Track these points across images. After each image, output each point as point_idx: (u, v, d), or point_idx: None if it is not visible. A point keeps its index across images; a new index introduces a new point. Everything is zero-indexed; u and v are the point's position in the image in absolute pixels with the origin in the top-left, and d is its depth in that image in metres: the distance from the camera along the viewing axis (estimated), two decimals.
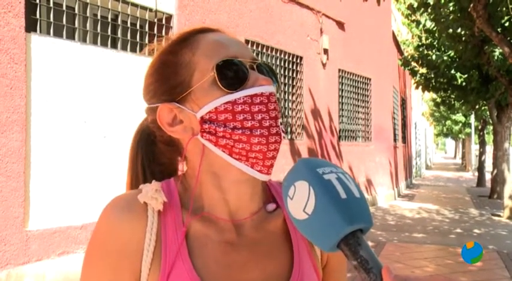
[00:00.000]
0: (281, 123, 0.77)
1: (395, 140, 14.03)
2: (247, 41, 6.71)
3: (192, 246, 0.76)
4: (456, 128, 31.48)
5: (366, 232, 0.59)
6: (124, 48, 4.87)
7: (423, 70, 12.69)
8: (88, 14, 4.56)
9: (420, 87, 13.04)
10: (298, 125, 8.02)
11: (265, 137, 0.74)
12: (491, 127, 16.46)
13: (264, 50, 7.14)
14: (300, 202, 0.59)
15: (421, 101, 28.25)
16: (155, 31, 5.20)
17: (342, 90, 9.82)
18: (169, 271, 0.73)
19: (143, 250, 0.74)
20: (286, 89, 7.85)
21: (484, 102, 13.06)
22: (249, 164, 0.75)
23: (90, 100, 4.45)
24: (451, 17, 8.27)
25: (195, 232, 0.77)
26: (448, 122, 30.91)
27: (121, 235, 0.74)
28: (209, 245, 0.77)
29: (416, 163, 22.43)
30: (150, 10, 5.11)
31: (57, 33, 4.25)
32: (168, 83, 0.79)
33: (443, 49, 11.55)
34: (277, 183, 0.89)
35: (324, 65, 8.83)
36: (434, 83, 12.69)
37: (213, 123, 0.75)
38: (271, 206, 0.83)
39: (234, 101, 0.74)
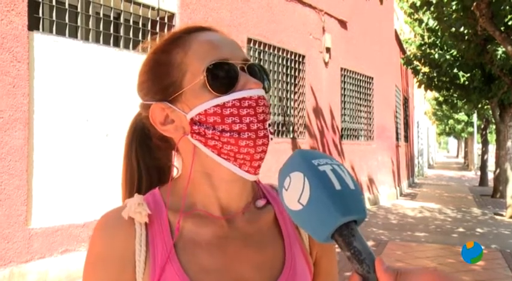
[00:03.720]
0: (269, 125, 0.78)
1: (397, 139, 14.01)
2: (249, 40, 6.71)
3: (182, 247, 0.78)
4: (459, 127, 31.45)
5: (359, 223, 0.59)
6: (126, 46, 4.88)
7: (426, 69, 12.68)
8: (90, 13, 4.56)
9: (423, 86, 13.03)
10: (300, 124, 8.02)
11: (252, 140, 0.75)
12: (493, 126, 16.43)
13: (266, 49, 7.13)
14: (295, 192, 0.60)
15: (423, 100, 28.20)
16: (157, 30, 5.20)
17: (344, 89, 9.81)
18: (160, 278, 0.75)
19: (136, 262, 0.76)
20: (289, 88, 7.84)
21: (487, 101, 13.04)
22: (237, 165, 0.77)
23: (93, 98, 4.46)
24: (453, 15, 8.26)
25: (187, 232, 0.79)
26: (451, 121, 30.88)
27: (114, 251, 0.77)
28: (201, 241, 0.78)
29: (418, 162, 22.39)
30: (153, 8, 5.11)
31: (60, 32, 4.26)
32: (160, 82, 0.80)
33: (445, 48, 11.53)
34: (268, 185, 0.91)
35: (326, 63, 8.82)
36: (436, 82, 12.67)
37: (202, 125, 0.76)
38: (260, 202, 0.85)
39: (223, 105, 0.75)
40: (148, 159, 0.89)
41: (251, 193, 0.85)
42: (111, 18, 4.74)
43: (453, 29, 8.85)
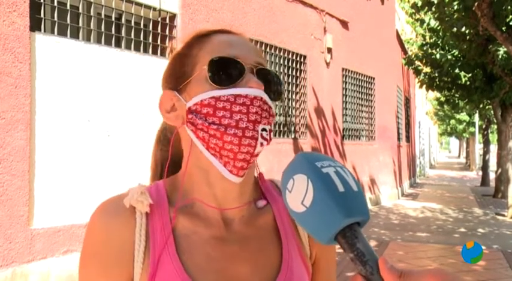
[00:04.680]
0: (264, 130, 0.77)
1: (399, 139, 14.01)
2: (250, 40, 6.69)
3: (181, 243, 0.77)
4: (460, 127, 31.43)
5: (363, 225, 0.60)
6: (128, 47, 4.88)
7: (427, 69, 12.67)
8: (92, 13, 4.57)
9: (424, 86, 13.02)
10: (301, 124, 8.02)
11: (238, 137, 0.74)
12: (495, 126, 16.42)
13: (268, 49, 7.14)
14: (299, 194, 0.60)
15: (425, 100, 28.19)
16: (159, 30, 5.21)
17: (346, 90, 9.81)
18: (156, 269, 0.74)
19: (134, 252, 0.76)
20: (290, 88, 7.85)
21: (488, 101, 13.03)
22: (222, 162, 0.77)
23: (94, 99, 4.47)
24: (455, 15, 8.25)
25: (184, 228, 0.78)
26: (452, 121, 30.86)
27: (112, 239, 0.76)
28: (198, 241, 0.78)
29: (420, 162, 22.38)
30: (154, 9, 5.12)
31: (62, 33, 4.26)
32: (175, 72, 0.82)
33: (447, 48, 11.53)
34: (269, 181, 0.90)
35: (327, 64, 8.82)
36: (438, 82, 12.66)
37: (195, 115, 0.77)
38: (261, 203, 0.85)
39: (219, 97, 0.76)
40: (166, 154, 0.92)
41: (252, 193, 0.85)
42: (113, 19, 4.75)
43: (455, 29, 8.84)
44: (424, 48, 12.19)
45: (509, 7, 7.33)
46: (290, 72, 7.78)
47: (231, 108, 0.75)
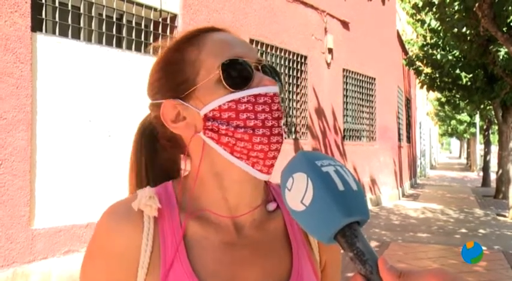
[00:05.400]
0: (283, 124, 0.78)
1: (399, 139, 14.00)
2: (251, 41, 6.72)
3: (191, 248, 0.76)
4: (461, 127, 31.41)
5: (362, 224, 0.59)
6: (129, 47, 4.89)
7: (428, 70, 12.66)
8: (93, 14, 4.58)
9: (425, 86, 13.01)
10: (302, 125, 8.02)
11: (267, 136, 0.75)
12: (496, 127, 16.40)
13: (269, 50, 7.14)
14: (298, 193, 0.60)
15: (425, 101, 28.17)
16: (160, 31, 5.21)
17: (347, 90, 9.81)
18: (167, 273, 0.74)
19: (140, 256, 0.75)
20: (291, 89, 7.85)
21: (489, 102, 13.02)
22: (249, 163, 0.76)
23: (95, 99, 4.47)
24: (456, 16, 8.25)
25: (194, 233, 0.78)
26: (453, 122, 30.85)
27: (118, 242, 0.75)
28: (208, 246, 0.77)
29: (420, 163, 22.36)
30: (155, 10, 5.12)
31: (63, 33, 4.27)
32: (173, 80, 0.79)
33: (448, 49, 11.52)
34: (277, 185, 0.89)
35: (328, 64, 8.82)
36: (439, 83, 12.66)
37: (216, 121, 0.75)
38: (271, 206, 0.84)
39: (238, 100, 0.75)
40: (156, 161, 0.88)
41: (262, 195, 0.84)
42: (114, 20, 4.76)
43: (455, 30, 8.84)
44: (425, 49, 12.18)
45: (510, 8, 7.32)
46: (291, 73, 7.78)
47: (254, 109, 0.75)
